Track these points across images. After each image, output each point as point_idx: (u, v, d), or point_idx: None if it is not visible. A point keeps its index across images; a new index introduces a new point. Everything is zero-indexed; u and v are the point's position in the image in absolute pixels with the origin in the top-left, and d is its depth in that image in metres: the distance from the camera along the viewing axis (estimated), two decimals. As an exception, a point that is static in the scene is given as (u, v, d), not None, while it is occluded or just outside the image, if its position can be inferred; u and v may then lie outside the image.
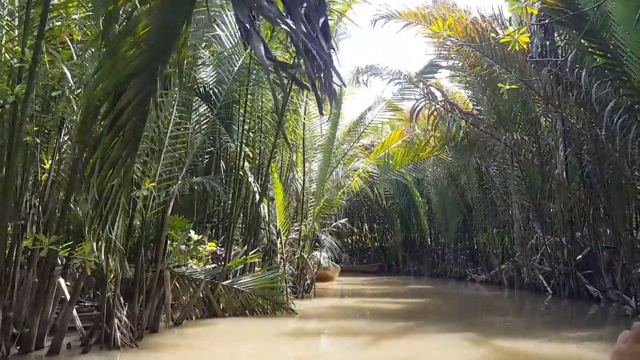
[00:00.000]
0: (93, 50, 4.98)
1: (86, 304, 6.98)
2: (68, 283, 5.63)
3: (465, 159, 15.44)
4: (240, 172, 8.41)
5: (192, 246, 8.14)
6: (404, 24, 10.87)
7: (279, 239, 9.77)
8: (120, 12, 3.73)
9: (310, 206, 12.08)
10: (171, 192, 6.63)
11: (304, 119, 11.40)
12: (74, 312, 5.30)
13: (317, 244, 12.88)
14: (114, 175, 3.72)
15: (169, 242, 7.93)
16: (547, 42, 9.24)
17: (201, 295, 7.47)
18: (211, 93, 7.94)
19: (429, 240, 21.99)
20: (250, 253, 8.56)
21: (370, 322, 8.61)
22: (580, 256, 10.82)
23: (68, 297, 5.19)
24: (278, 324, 7.52)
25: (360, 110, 16.31)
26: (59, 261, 5.71)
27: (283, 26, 1.41)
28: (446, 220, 19.30)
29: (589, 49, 8.82)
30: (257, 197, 8.84)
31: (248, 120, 8.71)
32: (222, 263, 7.90)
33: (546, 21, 8.37)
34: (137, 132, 3.79)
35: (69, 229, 5.75)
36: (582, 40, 8.64)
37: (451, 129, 12.31)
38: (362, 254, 27.87)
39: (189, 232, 8.33)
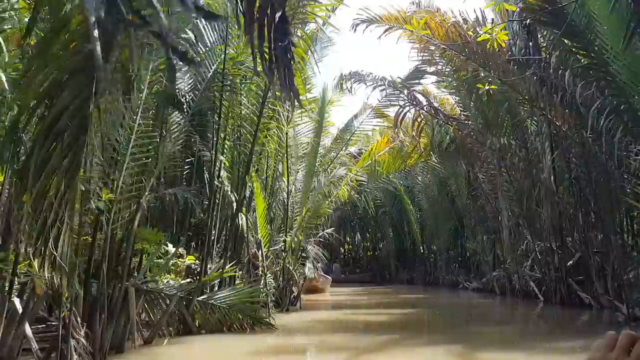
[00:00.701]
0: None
1: (54, 323, 6.60)
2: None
3: (453, 165, 15.25)
4: (217, 182, 8.09)
5: (167, 260, 7.78)
6: (386, 28, 10.67)
7: (260, 251, 9.43)
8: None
9: (296, 216, 11.76)
10: (139, 203, 6.30)
11: (287, 126, 11.12)
12: (29, 333, 4.94)
13: (304, 255, 12.53)
14: (53, 187, 3.43)
15: (144, 256, 7.58)
16: (530, 44, 9.06)
17: (175, 312, 7.10)
18: (183, 100, 7.64)
19: (421, 248, 21.72)
20: (227, 266, 8.20)
21: (356, 336, 8.25)
22: (571, 262, 10.56)
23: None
24: (256, 340, 7.15)
25: (347, 118, 16.12)
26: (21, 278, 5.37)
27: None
28: (437, 227, 19.07)
29: (573, 50, 8.66)
30: (235, 207, 8.51)
31: (223, 128, 8.42)
32: (197, 277, 7.55)
33: (527, 20, 8.19)
34: (79, 139, 3.50)
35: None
36: (567, 41, 8.48)
37: (436, 134, 12.10)
38: (355, 263, 27.55)
39: (166, 245, 7.98)
